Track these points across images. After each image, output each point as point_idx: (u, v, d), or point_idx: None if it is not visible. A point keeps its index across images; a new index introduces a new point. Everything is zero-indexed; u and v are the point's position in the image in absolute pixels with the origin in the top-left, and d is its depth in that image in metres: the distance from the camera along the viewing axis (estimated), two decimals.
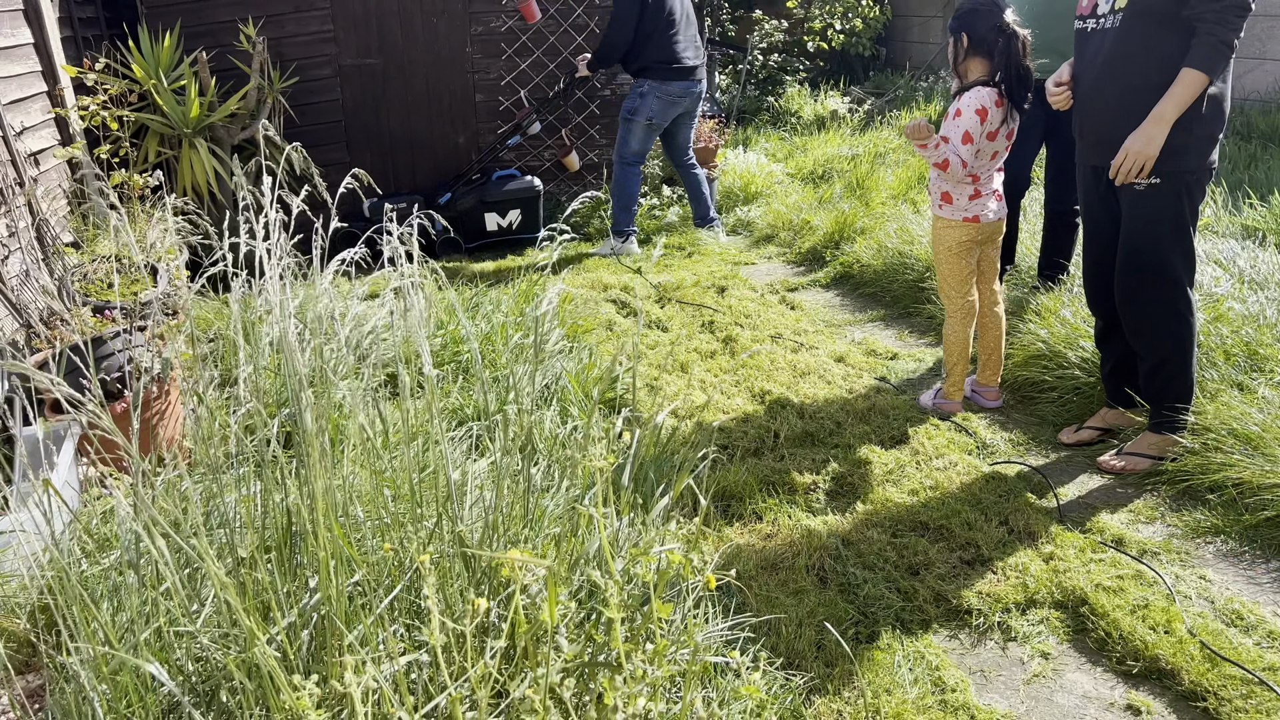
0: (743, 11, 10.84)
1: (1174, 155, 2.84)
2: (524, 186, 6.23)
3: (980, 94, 3.34)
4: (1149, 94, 2.81)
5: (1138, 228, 2.97)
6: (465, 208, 6.19)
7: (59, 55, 4.88)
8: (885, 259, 5.20)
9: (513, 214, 6.21)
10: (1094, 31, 2.94)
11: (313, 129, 6.32)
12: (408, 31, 6.31)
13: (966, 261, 3.53)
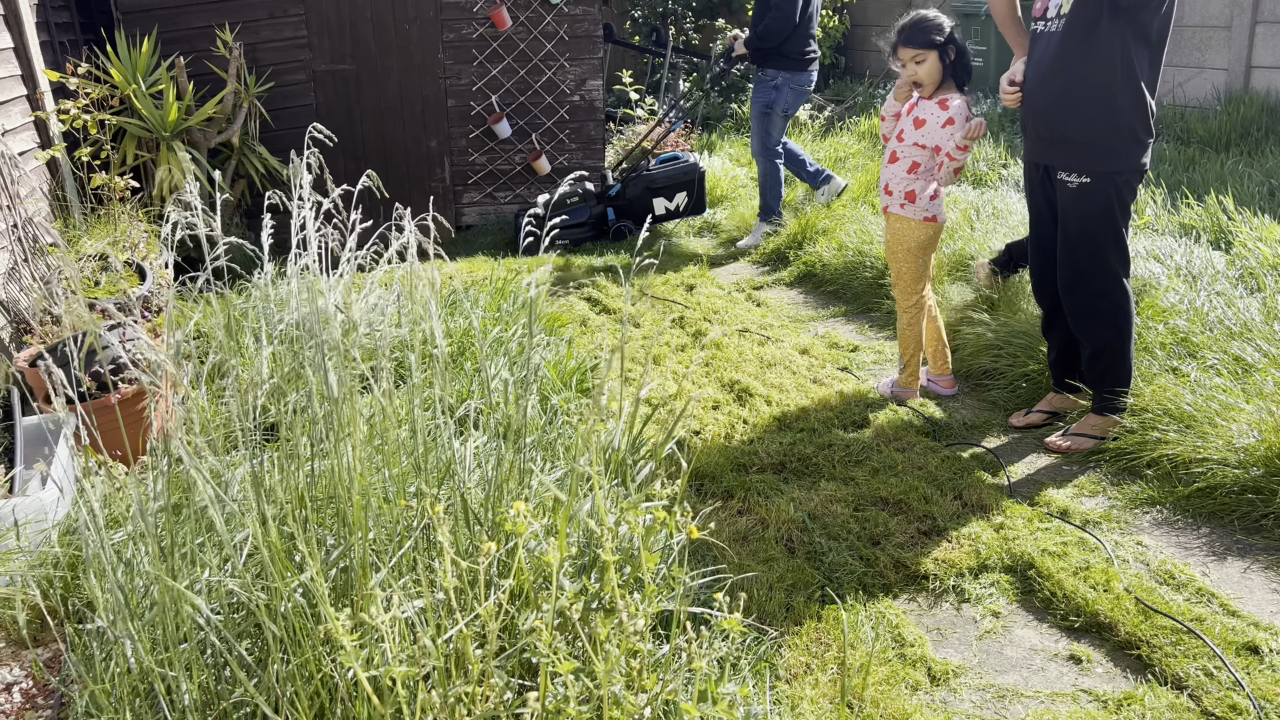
0: (706, 20, 11.07)
1: (1105, 157, 3.08)
2: (686, 168, 6.43)
3: (964, 101, 3.56)
4: (1088, 91, 3.03)
5: (1072, 224, 3.20)
6: (634, 194, 6.44)
7: (38, 60, 4.96)
8: (845, 258, 5.42)
9: (679, 196, 6.45)
10: (1042, 34, 3.16)
11: (287, 133, 6.42)
12: (380, 37, 6.44)
13: (923, 260, 3.74)
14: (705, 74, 10.39)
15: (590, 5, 6.75)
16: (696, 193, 6.54)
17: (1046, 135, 3.18)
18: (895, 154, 3.70)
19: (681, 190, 6.50)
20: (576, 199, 6.47)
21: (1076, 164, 3.13)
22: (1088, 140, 3.09)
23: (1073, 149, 3.13)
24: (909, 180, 3.69)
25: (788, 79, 6.01)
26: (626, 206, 6.53)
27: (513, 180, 7.02)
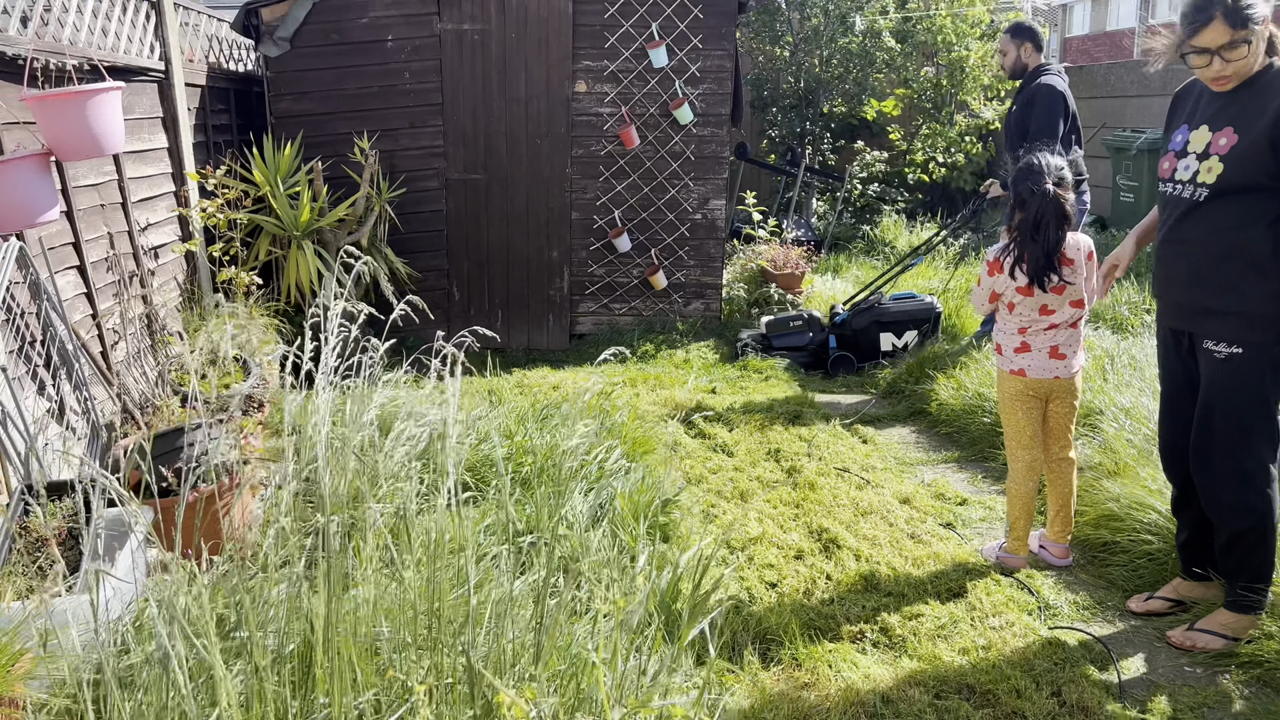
0: (844, 141, 11.04)
1: (1260, 326, 2.76)
2: (922, 307, 6.16)
3: (1000, 247, 3.36)
4: (1239, 261, 2.75)
5: (1217, 396, 2.87)
6: (860, 326, 6.22)
7: (189, 159, 5.29)
8: (964, 399, 5.10)
9: (909, 334, 6.15)
10: (1175, 197, 2.90)
11: (416, 236, 6.65)
12: (513, 150, 6.64)
13: (1023, 414, 3.45)
14: (838, 194, 10.30)
15: (719, 127, 6.79)
16: (929, 333, 6.15)
17: (1189, 304, 2.90)
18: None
19: (913, 328, 6.15)
20: (800, 323, 6.36)
21: (1226, 333, 2.82)
22: (1240, 309, 2.79)
23: (1222, 318, 2.83)
24: (994, 331, 3.48)
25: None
26: (851, 338, 6.27)
27: (629, 293, 7.03)
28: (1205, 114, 2.88)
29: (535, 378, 6.01)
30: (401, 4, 6.30)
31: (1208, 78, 2.80)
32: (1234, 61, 2.71)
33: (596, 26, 6.51)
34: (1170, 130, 3.04)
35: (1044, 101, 5.31)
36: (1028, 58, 5.58)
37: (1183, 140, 2.92)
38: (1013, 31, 5.67)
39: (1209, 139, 2.83)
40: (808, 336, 6.32)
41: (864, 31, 9.70)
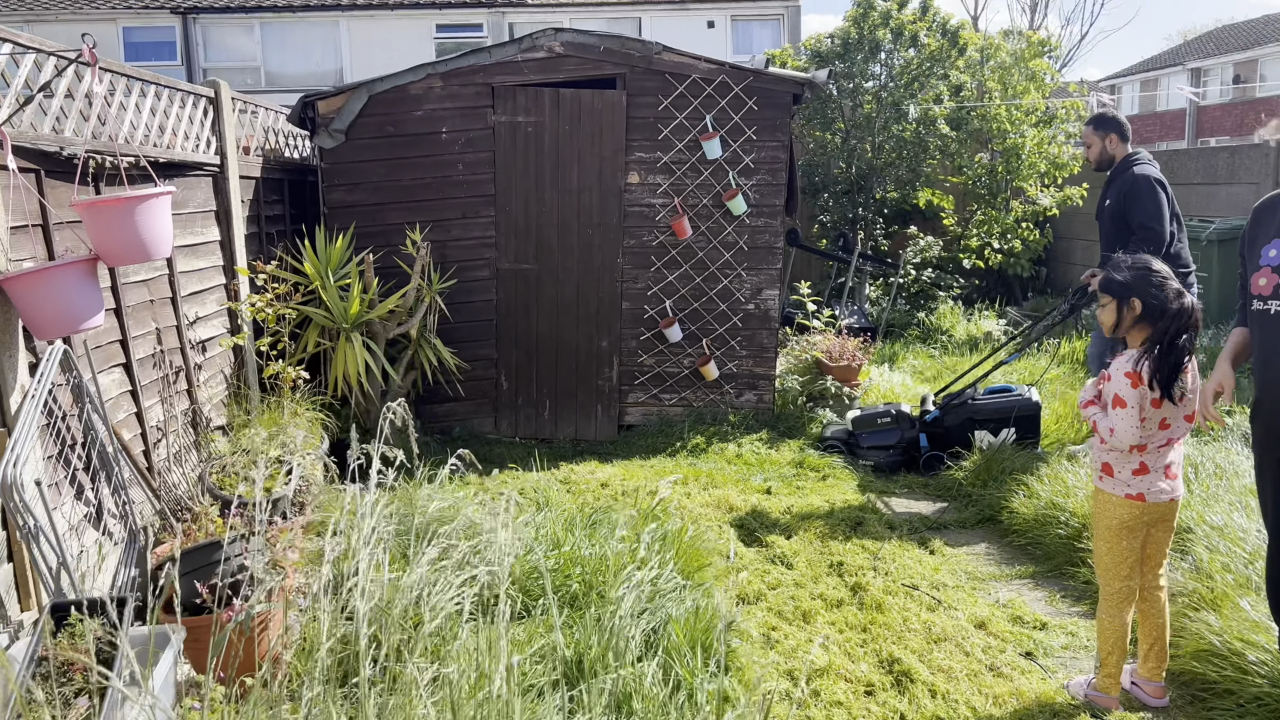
0: (897, 227, 10.90)
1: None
2: (1019, 402, 5.80)
3: (1132, 357, 3.12)
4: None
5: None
6: (953, 423, 5.91)
7: (241, 252, 5.27)
8: (1036, 508, 4.82)
9: (1005, 431, 5.72)
10: (1272, 312, 2.68)
11: (466, 325, 6.57)
12: (564, 241, 6.57)
13: (1129, 543, 3.18)
14: (892, 280, 10.12)
15: (773, 218, 6.68)
16: (1029, 429, 5.75)
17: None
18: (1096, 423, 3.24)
19: (1011, 425, 5.74)
20: (889, 420, 6.10)
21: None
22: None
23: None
24: (1100, 450, 3.21)
25: None
26: (943, 436, 5.95)
27: (679, 383, 6.86)
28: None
29: (583, 473, 5.82)
30: (456, 97, 6.32)
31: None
32: None
33: (650, 119, 6.47)
34: (1258, 245, 2.82)
35: (1147, 192, 5.16)
36: (1114, 149, 5.47)
37: (1279, 255, 2.71)
38: (1096, 123, 5.53)
39: None
40: (898, 434, 6.02)
41: (917, 119, 9.62)
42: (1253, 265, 2.80)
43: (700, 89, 6.44)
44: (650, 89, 6.43)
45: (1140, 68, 40.66)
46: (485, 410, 6.77)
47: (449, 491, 4.82)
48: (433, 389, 6.45)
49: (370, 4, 22.21)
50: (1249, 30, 36.96)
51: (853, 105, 10.07)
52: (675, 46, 6.46)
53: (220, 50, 21.21)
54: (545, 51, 6.31)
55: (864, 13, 9.66)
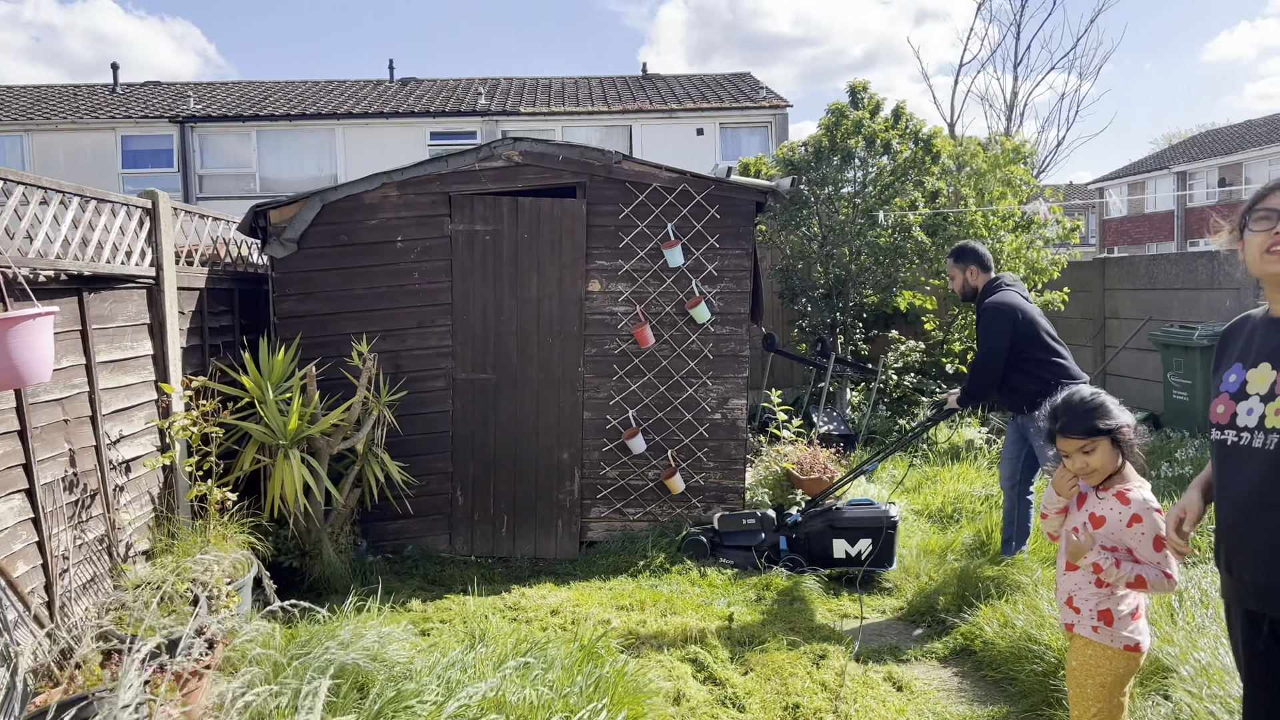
0: (877, 331, 10.74)
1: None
2: (877, 515, 5.93)
3: (1148, 488, 2.86)
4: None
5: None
6: (813, 530, 6.01)
7: (176, 367, 5.06)
8: (1011, 639, 4.48)
9: (863, 542, 5.89)
10: (1238, 447, 2.42)
11: (420, 438, 6.32)
12: (524, 350, 6.37)
13: (1120, 700, 2.87)
14: (872, 385, 9.91)
15: (738, 325, 6.50)
16: (883, 544, 5.86)
17: (1270, 583, 2.37)
18: (1071, 561, 2.95)
19: (867, 537, 5.88)
20: (753, 521, 6.17)
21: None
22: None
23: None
24: (1099, 595, 2.91)
25: None
26: (802, 541, 6.05)
27: (644, 497, 6.57)
28: (1264, 350, 2.44)
29: (534, 598, 5.49)
30: (412, 205, 6.21)
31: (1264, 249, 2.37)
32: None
33: (611, 227, 6.35)
34: (1220, 370, 2.59)
35: (987, 321, 5.45)
36: (975, 280, 5.70)
37: (1238, 381, 2.47)
38: (955, 256, 5.77)
39: (1274, 378, 2.38)
40: (759, 536, 6.11)
41: (893, 225, 9.55)
42: (1214, 392, 2.57)
43: (662, 197, 6.34)
44: (611, 197, 6.33)
45: (1127, 170, 41.41)
46: (440, 527, 6.47)
47: (386, 621, 4.50)
48: (382, 506, 6.16)
49: (366, 113, 22.65)
50: (1232, 135, 37.76)
51: (829, 211, 10.03)
52: (651, 155, 6.43)
53: (216, 157, 21.52)
54: (503, 160, 6.23)
55: (836, 121, 9.70)
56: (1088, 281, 10.46)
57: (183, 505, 5.00)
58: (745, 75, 25.70)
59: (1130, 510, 2.84)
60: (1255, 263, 2.42)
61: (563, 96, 23.73)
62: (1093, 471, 2.90)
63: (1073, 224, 9.88)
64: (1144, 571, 2.80)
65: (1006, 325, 5.38)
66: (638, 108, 22.42)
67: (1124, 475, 2.91)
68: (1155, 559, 2.81)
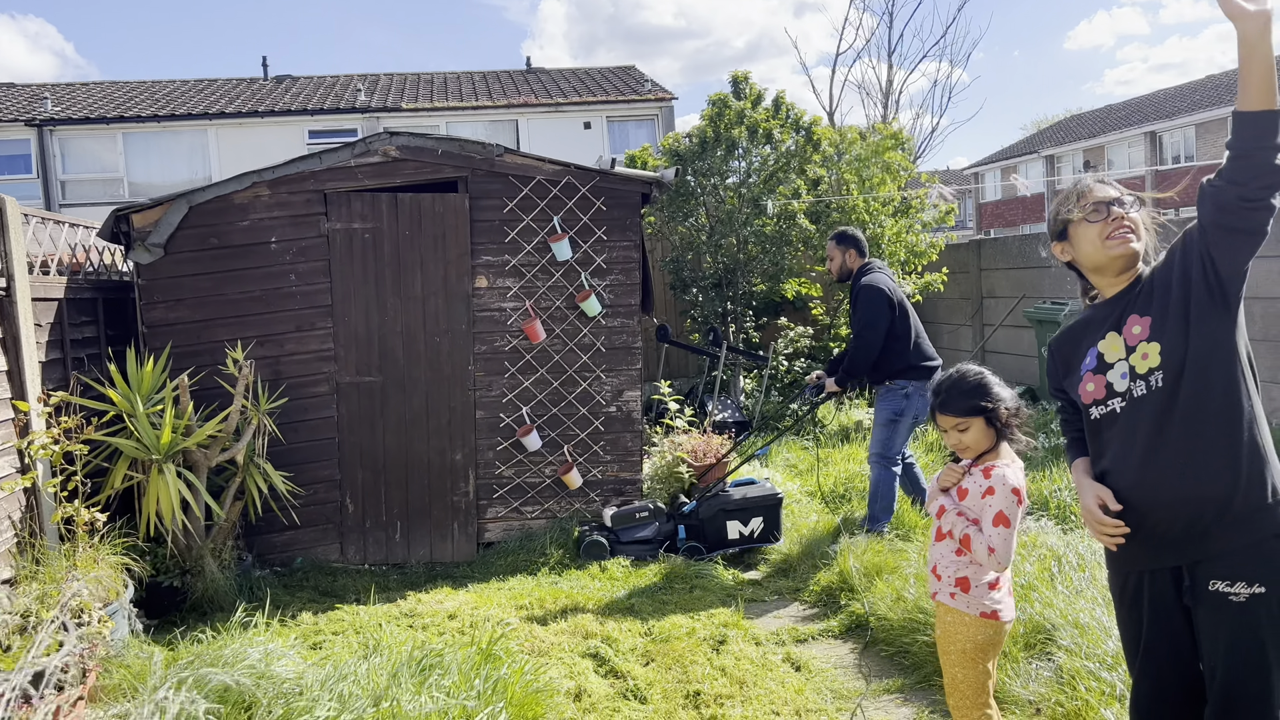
0: (767, 319, 10.90)
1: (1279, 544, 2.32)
2: (765, 494, 6.14)
3: (1018, 469, 2.93)
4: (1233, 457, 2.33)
5: (1242, 654, 2.32)
6: (707, 515, 6.09)
7: (34, 382, 4.76)
8: (903, 612, 4.59)
9: (755, 521, 6.08)
10: (1122, 410, 2.50)
11: (304, 446, 6.11)
12: (410, 350, 6.22)
13: (985, 667, 2.95)
14: (765, 372, 10.05)
15: (629, 318, 6.49)
16: (772, 520, 6.12)
17: (1182, 534, 2.39)
18: (940, 529, 3.02)
19: (758, 515, 6.08)
20: (646, 514, 6.19)
21: (1243, 568, 2.31)
22: (1251, 528, 2.31)
23: (1232, 546, 2.33)
24: (959, 563, 2.98)
25: (919, 387, 5.77)
26: (698, 527, 6.13)
27: (541, 494, 6.50)
28: (1104, 325, 2.54)
29: (431, 603, 5.36)
30: (286, 205, 5.99)
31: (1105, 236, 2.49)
32: (1143, 210, 2.53)
33: (496, 221, 6.25)
34: (1070, 371, 2.65)
35: (865, 301, 5.74)
36: (852, 262, 6.03)
37: (1094, 357, 2.56)
38: (837, 239, 6.08)
39: (1122, 340, 2.48)
40: (654, 526, 6.17)
41: (778, 214, 9.69)
42: (1074, 383, 2.62)
43: (546, 190, 6.27)
44: (495, 191, 6.23)
45: (1000, 155, 43.12)
46: (330, 537, 6.27)
47: (274, 636, 4.33)
48: (268, 518, 5.93)
49: (240, 112, 21.82)
50: (1095, 119, 39.71)
51: (716, 201, 10.12)
52: (539, 149, 6.38)
53: (80, 161, 20.41)
54: (380, 156, 6.06)
55: (719, 112, 9.78)
56: (965, 263, 10.83)
57: (48, 529, 4.71)
58: (630, 68, 25.75)
59: (988, 483, 2.92)
60: (1095, 252, 2.52)
61: (446, 91, 23.35)
62: (966, 448, 2.97)
63: (947, 207, 10.21)
64: (974, 537, 2.87)
65: (884, 304, 5.66)
66: (523, 102, 22.24)
67: (998, 452, 2.99)
68: (990, 533, 2.87)
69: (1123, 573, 2.58)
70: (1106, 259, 2.50)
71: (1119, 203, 2.51)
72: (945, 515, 2.98)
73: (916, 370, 5.80)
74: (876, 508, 5.85)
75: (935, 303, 11.21)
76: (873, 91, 18.47)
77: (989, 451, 2.97)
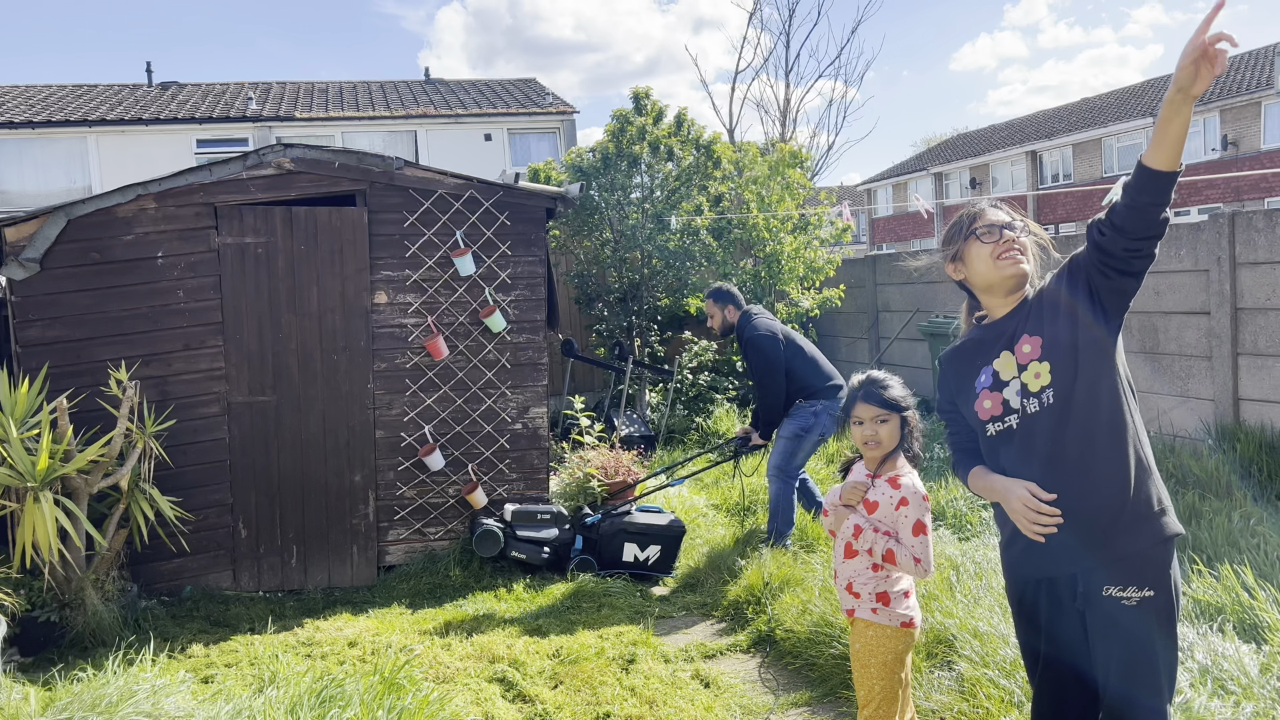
0: (671, 332, 10.96)
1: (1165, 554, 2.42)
2: (668, 524, 6.06)
3: (918, 476, 3.01)
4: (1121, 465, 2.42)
5: (1133, 652, 2.41)
6: (608, 533, 6.00)
7: None
8: (809, 624, 4.64)
9: (652, 549, 6.00)
10: (1018, 427, 2.57)
11: (194, 469, 5.85)
12: (306, 368, 6.03)
13: (900, 675, 3.00)
14: (670, 385, 10.09)
15: (534, 333, 6.43)
16: (670, 552, 6.09)
17: (1078, 542, 2.45)
18: (851, 546, 3.05)
19: (657, 544, 6.04)
20: (547, 516, 6.10)
21: (1134, 573, 2.40)
22: (1140, 536, 2.42)
23: (1122, 553, 2.41)
24: (876, 579, 3.02)
25: (827, 405, 5.90)
26: (596, 542, 6.07)
27: (445, 515, 6.37)
28: (997, 344, 2.62)
29: (330, 630, 5.19)
30: (173, 219, 5.74)
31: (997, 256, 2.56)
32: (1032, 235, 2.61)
33: (396, 235, 6.12)
34: (963, 386, 2.71)
35: (753, 352, 5.90)
36: (731, 317, 6.15)
37: (989, 375, 2.63)
38: (714, 297, 6.24)
39: (1014, 358, 2.57)
40: (553, 532, 6.09)
41: (680, 230, 9.76)
42: (968, 400, 2.69)
43: (449, 204, 6.17)
44: (394, 205, 6.10)
45: (892, 172, 44.49)
46: (222, 563, 6.01)
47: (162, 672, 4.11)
48: (155, 546, 5.64)
49: (123, 120, 20.94)
50: (979, 138, 41.34)
51: (620, 216, 10.13)
52: (438, 161, 6.27)
53: None
54: (274, 168, 5.87)
55: (621, 127, 9.82)
56: (861, 278, 11.11)
57: None
58: (531, 81, 25.67)
59: (900, 494, 2.98)
60: (987, 271, 2.59)
61: (342, 101, 22.86)
62: (879, 443, 3.02)
63: (844, 224, 10.45)
64: (897, 550, 2.94)
65: (778, 349, 5.88)
66: (421, 113, 21.94)
67: (896, 463, 3.05)
68: (912, 543, 2.94)
69: (1020, 582, 2.65)
70: (998, 278, 2.58)
71: (1010, 226, 2.59)
72: (862, 534, 3.00)
73: (823, 391, 5.93)
74: (778, 522, 5.91)
75: (834, 317, 11.45)
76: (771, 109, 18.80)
77: (888, 459, 3.03)
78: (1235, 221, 5.99)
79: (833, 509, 3.12)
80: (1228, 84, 28.44)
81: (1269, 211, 5.93)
